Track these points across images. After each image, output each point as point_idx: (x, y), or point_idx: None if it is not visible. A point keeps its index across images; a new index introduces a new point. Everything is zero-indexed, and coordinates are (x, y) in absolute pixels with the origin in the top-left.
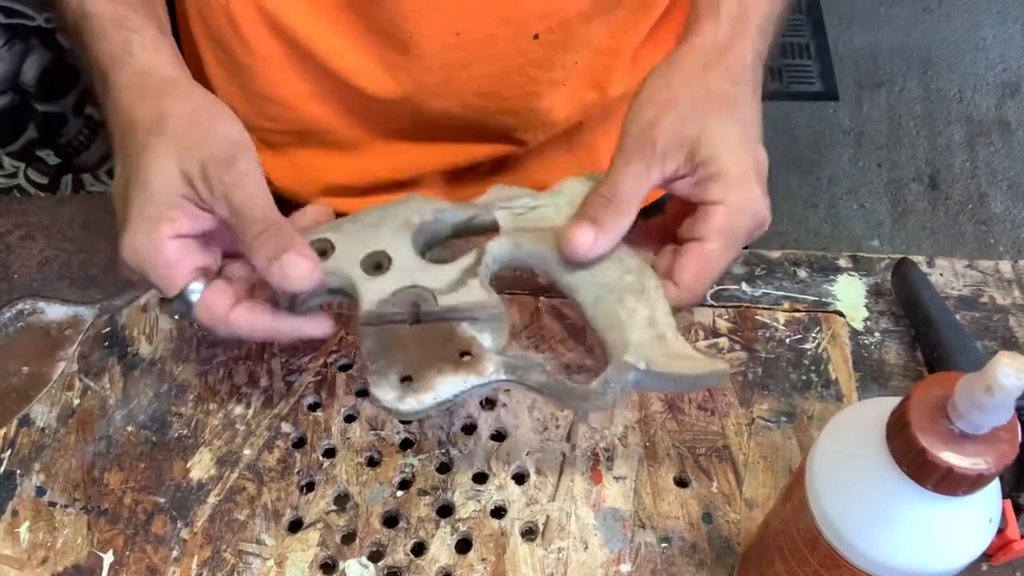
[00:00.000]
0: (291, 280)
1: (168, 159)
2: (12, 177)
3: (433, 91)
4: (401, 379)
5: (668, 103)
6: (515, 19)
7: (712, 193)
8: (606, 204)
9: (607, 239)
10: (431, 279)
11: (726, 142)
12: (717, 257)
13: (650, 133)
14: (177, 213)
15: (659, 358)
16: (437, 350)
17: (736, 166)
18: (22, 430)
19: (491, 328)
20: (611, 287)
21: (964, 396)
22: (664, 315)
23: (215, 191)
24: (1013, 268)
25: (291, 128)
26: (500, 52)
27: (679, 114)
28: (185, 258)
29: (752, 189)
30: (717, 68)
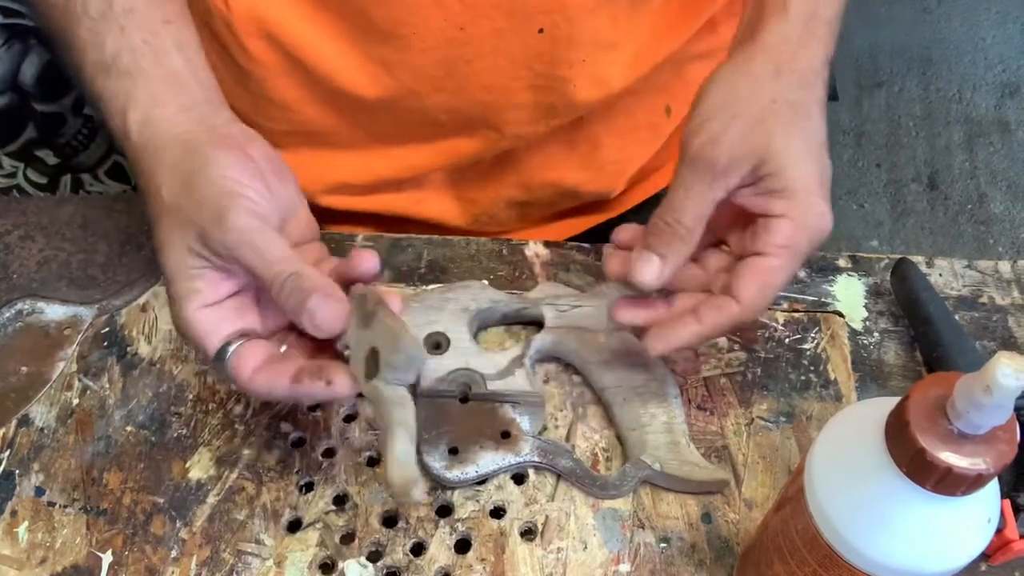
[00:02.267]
0: (323, 324)
1: (173, 235)
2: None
3: (436, 86)
4: (449, 450)
5: (732, 115)
6: (520, 13)
7: (776, 207)
8: (670, 233)
9: (671, 267)
10: (483, 364)
11: (793, 154)
12: (779, 272)
13: (712, 151)
14: (200, 284)
15: (672, 462)
16: (481, 427)
17: (802, 179)
18: (21, 430)
19: (530, 414)
20: (638, 391)
21: (963, 396)
22: (680, 423)
23: (223, 256)
24: (1012, 268)
25: (294, 129)
26: (504, 47)
27: (744, 126)
28: (214, 328)
29: (816, 203)
30: (787, 73)
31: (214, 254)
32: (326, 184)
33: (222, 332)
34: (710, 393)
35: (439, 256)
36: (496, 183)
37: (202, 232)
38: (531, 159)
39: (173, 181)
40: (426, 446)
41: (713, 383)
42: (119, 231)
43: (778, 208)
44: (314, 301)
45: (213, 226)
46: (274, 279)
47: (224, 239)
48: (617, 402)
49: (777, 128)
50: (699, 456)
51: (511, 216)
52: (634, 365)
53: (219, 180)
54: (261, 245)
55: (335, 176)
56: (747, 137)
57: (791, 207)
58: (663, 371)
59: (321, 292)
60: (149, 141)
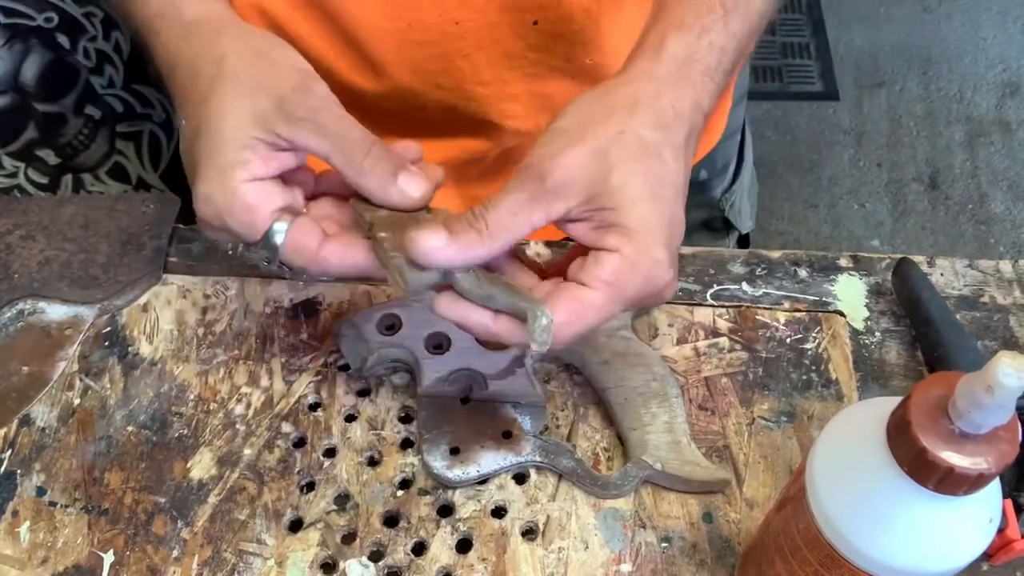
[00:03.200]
0: (413, 199)
1: (237, 101)
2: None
3: (433, 81)
4: (450, 450)
5: (579, 137)
6: (514, 6)
7: (609, 242)
8: (469, 223)
9: (455, 254)
10: (484, 364)
11: (633, 193)
12: (594, 308)
13: (544, 166)
14: (250, 155)
15: (673, 462)
16: (483, 427)
17: (641, 221)
18: (22, 430)
19: (531, 413)
20: (639, 391)
21: (965, 396)
22: (681, 423)
23: (300, 122)
24: (1013, 268)
25: None
26: (499, 38)
27: (585, 153)
28: (264, 200)
29: (654, 249)
30: (644, 109)
31: (287, 120)
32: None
33: (271, 205)
34: (711, 393)
35: None
36: (499, 180)
37: (282, 97)
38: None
39: (243, 50)
40: (427, 446)
41: (714, 383)
42: (120, 231)
43: (611, 243)
44: (405, 176)
45: (297, 91)
46: (358, 144)
47: (307, 102)
48: (618, 402)
49: (621, 162)
50: (700, 456)
51: None
52: (635, 365)
53: (297, 58)
54: (343, 113)
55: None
56: (585, 165)
57: (624, 244)
58: (664, 371)
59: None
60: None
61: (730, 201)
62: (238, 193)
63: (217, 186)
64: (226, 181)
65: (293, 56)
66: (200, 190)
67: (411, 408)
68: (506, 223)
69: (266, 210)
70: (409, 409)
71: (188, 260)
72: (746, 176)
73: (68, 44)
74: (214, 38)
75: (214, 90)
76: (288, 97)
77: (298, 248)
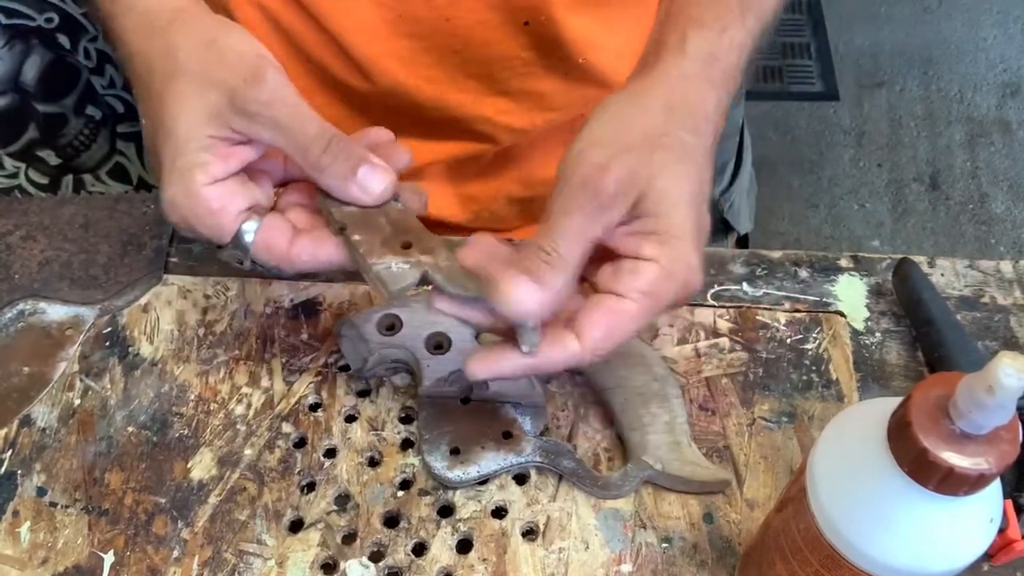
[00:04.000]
0: (374, 195)
1: (188, 100)
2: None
3: (423, 74)
4: (451, 450)
5: (623, 145)
6: (504, 6)
7: (647, 250)
8: (548, 262)
9: (549, 299)
10: None
11: (675, 198)
12: (633, 319)
13: (601, 178)
14: (208, 156)
15: (674, 462)
16: (483, 428)
17: (680, 226)
18: (23, 430)
19: (532, 414)
20: (640, 391)
21: (965, 396)
22: (682, 423)
23: (253, 115)
24: (1014, 268)
25: None
26: (490, 37)
27: (634, 157)
28: (229, 202)
29: (690, 254)
30: (679, 113)
31: (241, 114)
32: None
33: (236, 207)
34: (712, 393)
35: None
36: (496, 179)
37: (233, 90)
38: (532, 155)
39: (192, 44)
40: (428, 446)
41: (715, 383)
42: (121, 231)
43: (648, 251)
44: (366, 169)
45: (249, 83)
46: (314, 139)
47: (259, 95)
48: (618, 402)
49: (664, 166)
50: (701, 456)
51: (512, 213)
52: (635, 365)
53: (248, 43)
54: (296, 102)
55: None
56: (636, 169)
57: (663, 253)
58: (664, 371)
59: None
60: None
61: (729, 202)
62: (201, 197)
63: (180, 190)
64: (188, 185)
65: (246, 42)
66: (165, 195)
67: (411, 408)
68: (579, 250)
69: (231, 212)
70: (409, 409)
71: (189, 260)
72: (745, 177)
73: (68, 44)
74: (164, 30)
75: (167, 88)
76: (239, 90)
77: (269, 247)
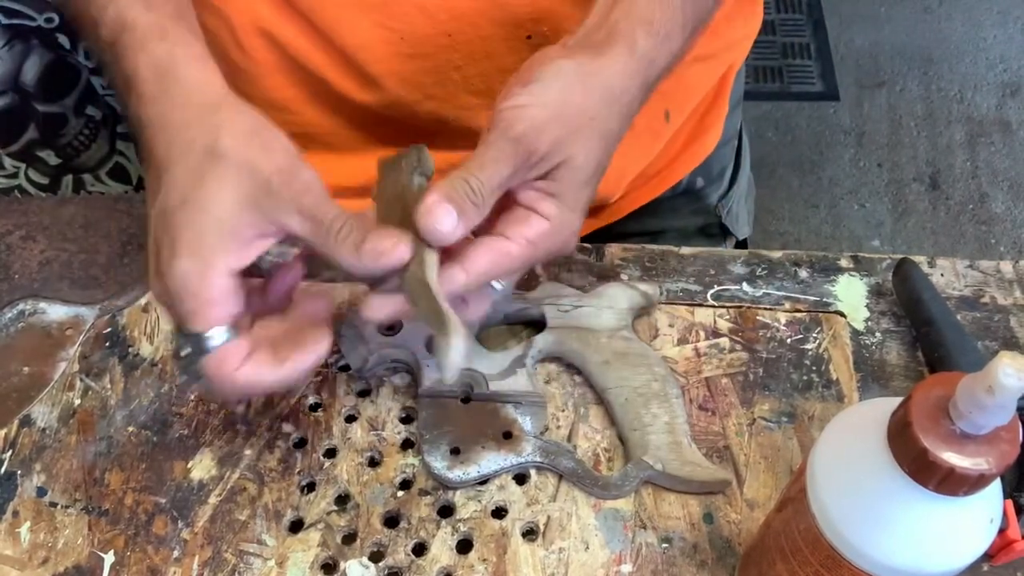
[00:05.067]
0: (385, 257)
1: (231, 181)
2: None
3: (426, 93)
4: (451, 450)
5: (560, 115)
6: (507, 21)
7: (543, 207)
8: (473, 198)
9: (460, 231)
10: (484, 364)
11: (584, 175)
12: (514, 260)
13: (536, 140)
14: (235, 245)
15: (674, 462)
16: (483, 428)
17: (576, 199)
18: (23, 430)
19: (532, 414)
20: (640, 391)
21: (965, 396)
22: (682, 423)
23: (283, 203)
24: (1014, 268)
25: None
26: (493, 52)
27: (565, 130)
28: (227, 301)
29: (576, 223)
30: (612, 104)
31: (273, 200)
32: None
33: (229, 309)
34: (712, 393)
35: None
36: None
37: (270, 178)
38: None
39: (239, 129)
40: (428, 446)
41: (715, 383)
42: (121, 232)
43: (544, 209)
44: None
45: (284, 174)
46: (333, 220)
47: (292, 184)
48: (619, 402)
49: (587, 143)
50: (701, 456)
51: None
52: (636, 365)
53: (285, 141)
54: (324, 197)
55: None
56: (564, 139)
57: (556, 215)
58: (665, 371)
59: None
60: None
61: (727, 207)
62: (211, 282)
63: (196, 268)
64: (206, 266)
65: (284, 140)
66: (178, 263)
67: (411, 408)
68: (495, 195)
69: (224, 310)
70: (410, 409)
71: None
72: (743, 182)
73: (68, 44)
74: (212, 111)
75: (211, 168)
76: (275, 178)
77: (223, 360)
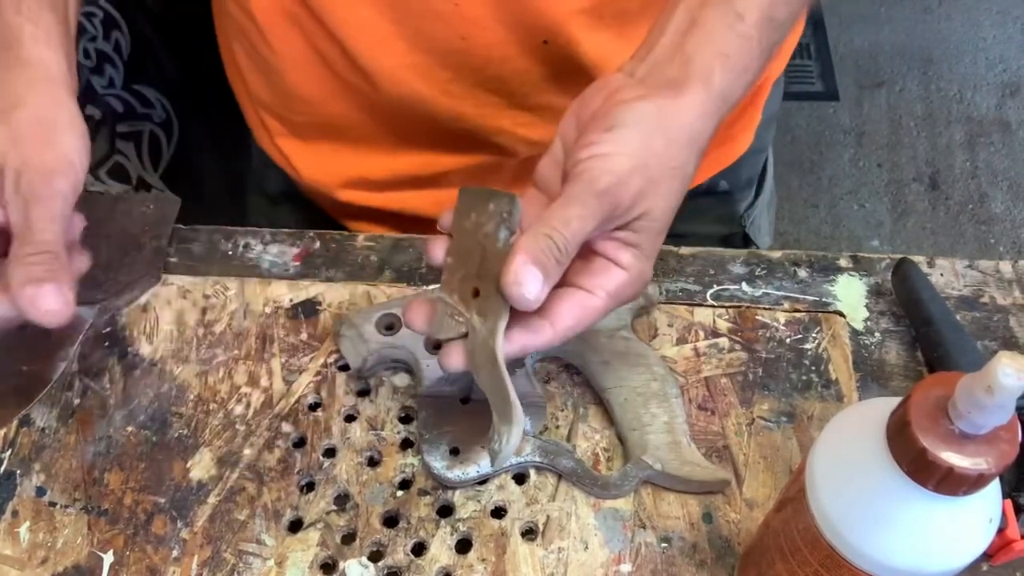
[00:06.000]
0: (39, 311)
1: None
2: None
3: (443, 89)
4: (450, 450)
5: (645, 164)
6: (521, 27)
7: (623, 259)
8: (559, 257)
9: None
10: None
11: (662, 224)
12: (596, 313)
13: (620, 193)
14: None
15: (673, 462)
16: (483, 428)
17: (653, 247)
18: (22, 430)
19: (532, 414)
20: (639, 391)
21: (964, 396)
22: (681, 423)
23: (19, 195)
24: (1013, 268)
25: (316, 122)
26: (508, 55)
27: (648, 182)
28: None
29: (649, 270)
30: (693, 149)
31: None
32: (345, 178)
33: None
34: (711, 393)
35: None
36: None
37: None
38: None
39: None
40: (427, 446)
41: (714, 383)
42: (121, 231)
43: (624, 260)
44: (50, 287)
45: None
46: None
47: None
48: (618, 402)
49: (667, 194)
50: (700, 456)
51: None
52: (635, 365)
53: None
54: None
55: (355, 171)
56: (648, 192)
57: (634, 265)
58: (664, 371)
59: (61, 285)
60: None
61: (751, 217)
62: None
63: None
64: None
65: (73, 142)
66: None
67: (411, 408)
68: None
69: None
70: (409, 409)
71: (188, 260)
72: (767, 191)
73: None
74: (27, 84)
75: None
76: (29, 171)
77: None
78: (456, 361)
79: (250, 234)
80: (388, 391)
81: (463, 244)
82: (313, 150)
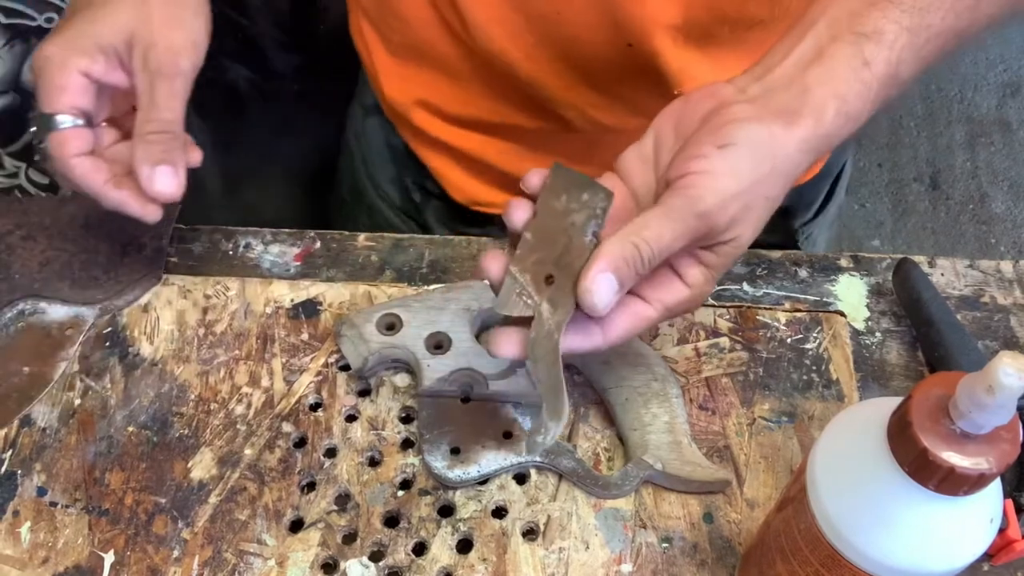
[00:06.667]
0: (156, 189)
1: (129, 14)
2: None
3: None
4: (451, 450)
5: (746, 190)
6: (610, 22)
7: (691, 275)
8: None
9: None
10: (484, 364)
11: (744, 248)
12: (649, 322)
13: (717, 217)
14: (100, 58)
15: (674, 462)
16: (483, 427)
17: (727, 268)
18: (23, 430)
19: (532, 413)
20: (640, 391)
21: (965, 396)
22: (682, 423)
23: (146, 70)
24: (1014, 268)
25: (408, 43)
26: (595, 40)
27: (744, 208)
28: (77, 93)
29: (713, 287)
30: (788, 181)
31: (141, 61)
32: (420, 100)
33: (76, 100)
34: (712, 393)
35: (441, 256)
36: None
37: (155, 43)
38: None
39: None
40: (428, 446)
41: (715, 383)
42: (121, 231)
43: (691, 277)
44: (166, 168)
45: (168, 51)
46: (157, 121)
47: (164, 65)
48: (619, 402)
49: (756, 223)
50: (701, 456)
51: None
52: (636, 365)
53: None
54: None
55: (433, 97)
56: (741, 218)
57: (699, 285)
58: (665, 371)
59: (177, 167)
60: None
61: (807, 233)
62: (66, 72)
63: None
64: (68, 57)
65: (202, 29)
66: (48, 45)
67: (412, 408)
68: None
69: (71, 99)
70: (410, 409)
71: (189, 260)
72: (832, 209)
73: None
74: None
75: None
76: (157, 47)
77: (61, 144)
78: (511, 349)
79: (251, 234)
80: (389, 391)
81: (547, 225)
82: (398, 68)
